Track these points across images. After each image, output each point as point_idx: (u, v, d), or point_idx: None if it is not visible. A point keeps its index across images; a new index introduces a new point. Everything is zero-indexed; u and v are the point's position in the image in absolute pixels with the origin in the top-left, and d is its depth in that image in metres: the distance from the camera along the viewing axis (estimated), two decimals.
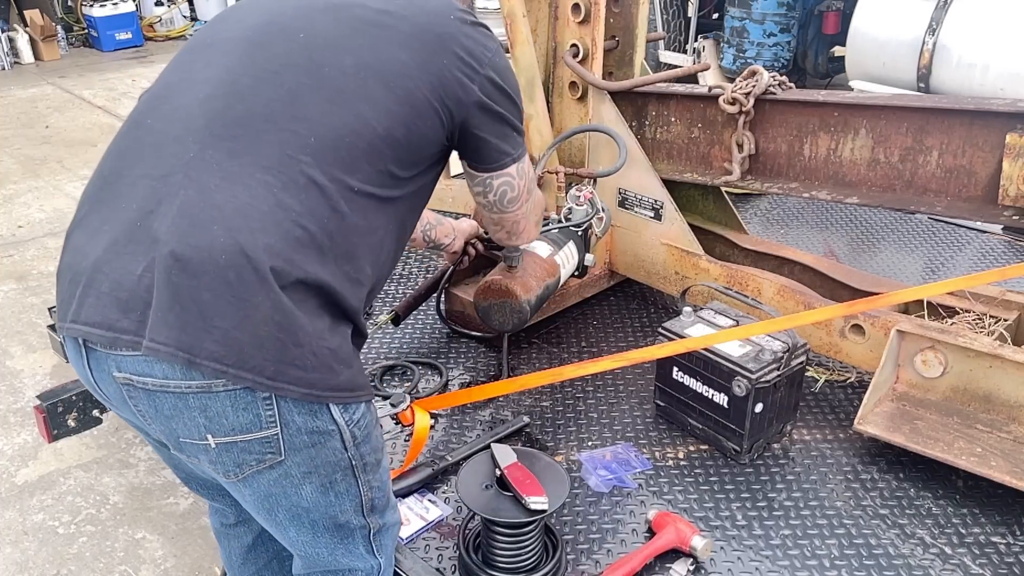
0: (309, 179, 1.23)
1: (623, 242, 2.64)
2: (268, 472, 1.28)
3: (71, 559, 2.75)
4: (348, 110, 1.28)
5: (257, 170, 1.21)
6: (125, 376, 1.21)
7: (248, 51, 1.32)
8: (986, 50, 4.56)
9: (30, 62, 9.15)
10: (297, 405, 1.23)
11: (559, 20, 2.53)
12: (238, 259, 1.16)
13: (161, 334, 1.15)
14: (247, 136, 1.23)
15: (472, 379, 2.31)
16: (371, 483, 1.40)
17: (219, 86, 1.28)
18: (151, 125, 1.31)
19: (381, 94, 1.30)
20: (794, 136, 2.28)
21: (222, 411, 1.20)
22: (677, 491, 1.89)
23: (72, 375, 2.80)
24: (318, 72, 1.28)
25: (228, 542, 1.74)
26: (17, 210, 5.50)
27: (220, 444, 1.23)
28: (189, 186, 1.20)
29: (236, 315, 1.15)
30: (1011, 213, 1.99)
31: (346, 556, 1.44)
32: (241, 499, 1.37)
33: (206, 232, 1.17)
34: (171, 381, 1.18)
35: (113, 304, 1.19)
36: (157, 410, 1.23)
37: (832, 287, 2.40)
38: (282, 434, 1.24)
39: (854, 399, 2.16)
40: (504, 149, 1.50)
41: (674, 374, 2.05)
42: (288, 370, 1.19)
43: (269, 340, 1.17)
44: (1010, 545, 1.74)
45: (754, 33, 6.24)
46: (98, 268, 1.21)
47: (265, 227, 1.18)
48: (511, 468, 1.60)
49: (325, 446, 1.29)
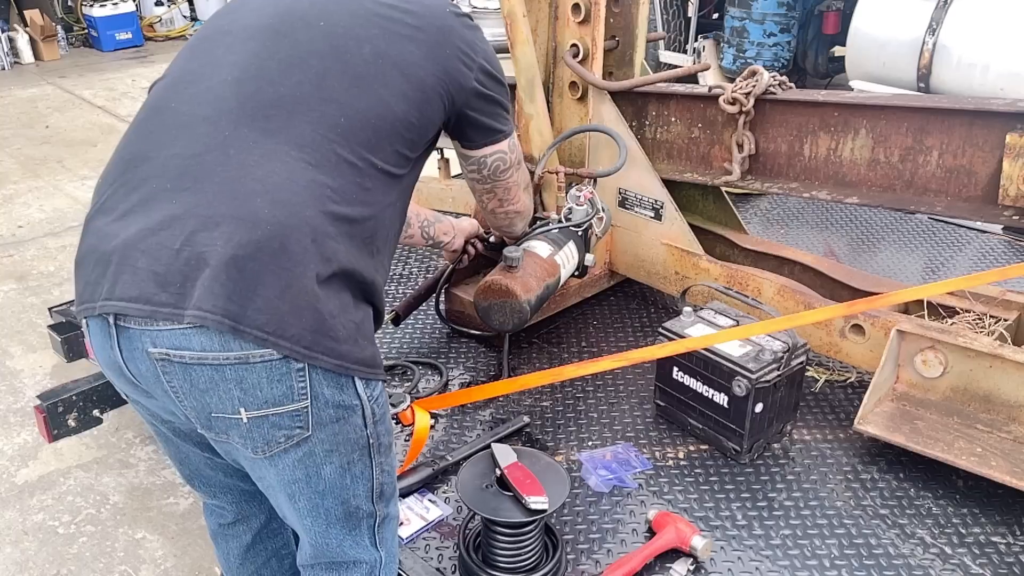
0: (340, 157, 1.30)
1: (623, 242, 2.64)
2: (294, 451, 1.31)
3: (71, 559, 2.75)
4: (372, 94, 1.36)
5: (293, 148, 1.27)
6: (162, 351, 1.22)
7: (272, 38, 1.38)
8: (986, 50, 4.56)
9: (30, 62, 9.14)
10: (327, 377, 1.27)
11: (559, 20, 2.53)
12: (282, 231, 1.21)
13: (207, 302, 1.18)
14: (280, 116, 1.29)
15: (472, 379, 2.31)
16: (383, 466, 1.43)
17: (247, 70, 1.34)
18: (176, 108, 1.35)
19: (398, 81, 1.40)
20: (794, 136, 2.28)
21: (257, 383, 1.23)
22: (677, 491, 1.89)
23: (72, 375, 2.81)
24: (342, 58, 1.36)
25: (226, 543, 1.74)
26: (17, 210, 5.50)
27: (252, 418, 1.26)
28: (228, 163, 1.25)
29: (278, 285, 1.20)
30: (1011, 213, 1.99)
31: (352, 546, 1.46)
32: (262, 480, 1.39)
33: (250, 204, 1.22)
34: (209, 353, 1.21)
35: (150, 279, 1.21)
36: (192, 384, 1.24)
37: (832, 287, 2.40)
38: (312, 407, 1.27)
39: (854, 399, 2.16)
40: (497, 127, 1.66)
41: (674, 374, 2.05)
42: (323, 340, 1.24)
43: (308, 311, 1.22)
44: (1010, 545, 1.74)
45: (754, 33, 6.24)
46: (131, 246, 1.23)
47: (304, 201, 1.24)
48: (511, 468, 1.60)
49: (348, 421, 1.33)
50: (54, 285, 4.50)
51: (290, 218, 1.22)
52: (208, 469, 1.55)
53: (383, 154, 1.36)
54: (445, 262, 2.43)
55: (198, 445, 1.48)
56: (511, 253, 2.11)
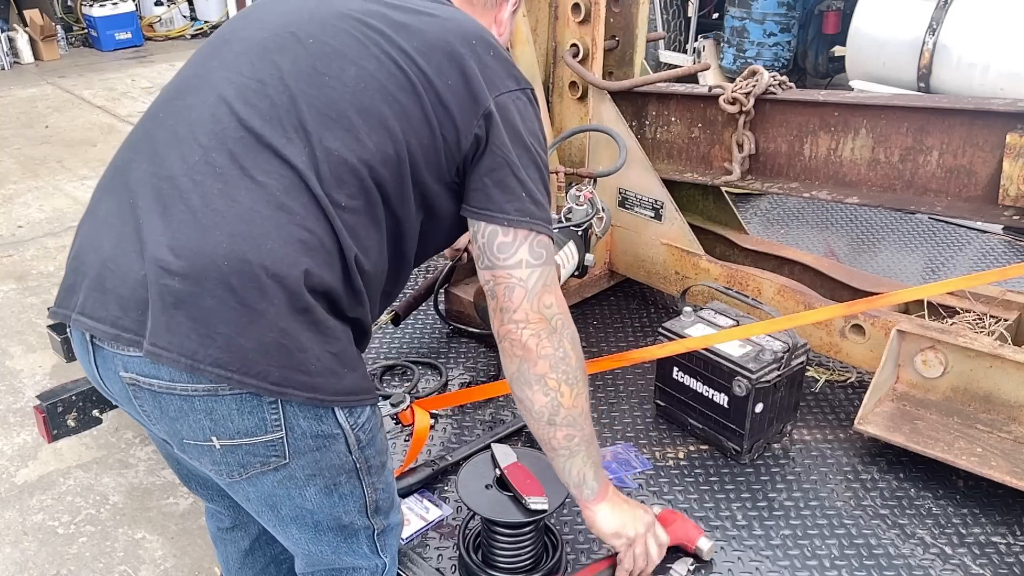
0: (306, 189, 1.22)
1: (623, 242, 2.64)
2: (272, 474, 1.28)
3: (71, 559, 2.75)
4: (342, 124, 1.26)
5: (259, 173, 1.21)
6: (131, 376, 1.22)
7: (260, 56, 1.30)
8: (986, 50, 4.56)
9: (30, 62, 9.14)
10: (303, 409, 1.23)
11: (559, 20, 2.53)
12: (240, 265, 1.16)
13: (163, 339, 1.15)
14: (248, 143, 1.23)
15: (472, 379, 2.31)
16: (375, 485, 1.40)
17: (227, 90, 1.28)
18: (163, 120, 1.31)
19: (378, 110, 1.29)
20: (794, 136, 2.28)
21: (227, 414, 1.21)
22: (677, 491, 1.89)
23: (72, 375, 2.81)
24: (318, 81, 1.27)
25: (225, 547, 1.74)
26: (17, 210, 5.50)
27: (224, 446, 1.24)
28: (195, 191, 1.20)
29: (240, 321, 1.16)
30: (1011, 213, 1.99)
31: (349, 555, 1.45)
32: (243, 499, 1.37)
33: (209, 238, 1.17)
34: (177, 384, 1.19)
35: (115, 301, 1.19)
36: (162, 411, 1.23)
37: (832, 287, 2.40)
38: (287, 438, 1.24)
39: (854, 399, 2.16)
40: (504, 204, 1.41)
41: (674, 374, 2.05)
42: (293, 375, 1.19)
43: (273, 346, 1.17)
44: (1010, 545, 1.74)
45: (754, 33, 6.25)
46: (104, 264, 1.22)
47: (267, 232, 1.18)
48: (511, 468, 1.60)
49: (330, 450, 1.29)
50: (54, 285, 4.48)
51: (249, 252, 1.16)
52: (202, 475, 1.53)
53: (349, 189, 1.25)
54: (445, 262, 2.42)
55: None
56: None
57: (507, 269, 1.36)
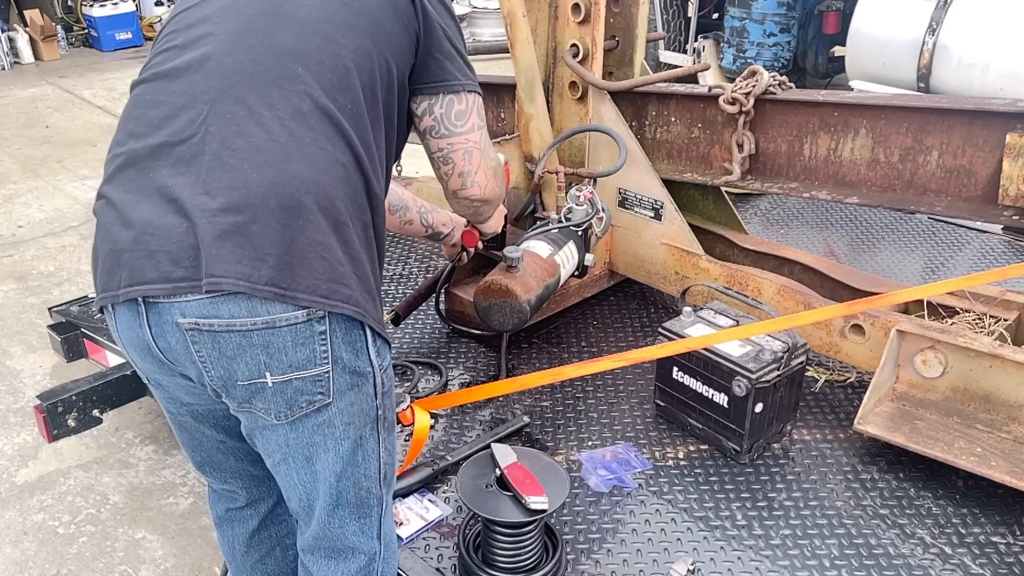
0: (312, 106, 1.32)
1: (623, 242, 2.64)
2: (315, 416, 1.36)
3: (71, 559, 2.75)
4: (319, 33, 1.37)
5: (265, 109, 1.31)
6: (191, 321, 1.27)
7: (224, 11, 1.40)
8: (986, 50, 4.56)
9: (30, 62, 9.14)
10: (345, 341, 1.32)
11: (559, 20, 2.53)
12: (274, 190, 1.26)
13: (219, 268, 1.23)
14: (244, 83, 1.32)
15: (472, 379, 2.31)
16: (387, 446, 1.48)
17: (209, 45, 1.37)
18: (152, 99, 1.39)
19: (342, 14, 1.40)
20: (794, 136, 2.28)
21: (282, 347, 1.28)
22: (677, 491, 1.89)
23: (72, 375, 2.81)
24: (282, 9, 1.38)
25: (232, 528, 1.75)
26: (17, 210, 5.50)
27: (276, 384, 1.31)
28: (211, 141, 1.29)
29: (283, 242, 1.25)
30: (1011, 213, 2.00)
31: (357, 534, 1.48)
32: (278, 447, 1.40)
33: (239, 173, 1.27)
34: (237, 319, 1.26)
35: (165, 258, 1.26)
36: (221, 352, 1.29)
37: (832, 287, 2.40)
38: (332, 372, 1.33)
39: (854, 399, 2.16)
40: (456, 74, 1.58)
41: (674, 374, 2.05)
42: (338, 288, 1.29)
43: (317, 261, 1.27)
44: (1010, 545, 1.74)
45: (754, 33, 6.24)
46: (141, 232, 1.28)
47: (288, 157, 1.29)
48: (511, 468, 1.60)
49: (362, 390, 1.38)
50: (54, 285, 4.50)
51: (278, 176, 1.27)
52: (220, 454, 1.59)
53: (351, 94, 1.37)
54: (445, 262, 2.43)
55: (215, 428, 1.52)
56: (511, 253, 2.11)
57: (464, 135, 1.56)
